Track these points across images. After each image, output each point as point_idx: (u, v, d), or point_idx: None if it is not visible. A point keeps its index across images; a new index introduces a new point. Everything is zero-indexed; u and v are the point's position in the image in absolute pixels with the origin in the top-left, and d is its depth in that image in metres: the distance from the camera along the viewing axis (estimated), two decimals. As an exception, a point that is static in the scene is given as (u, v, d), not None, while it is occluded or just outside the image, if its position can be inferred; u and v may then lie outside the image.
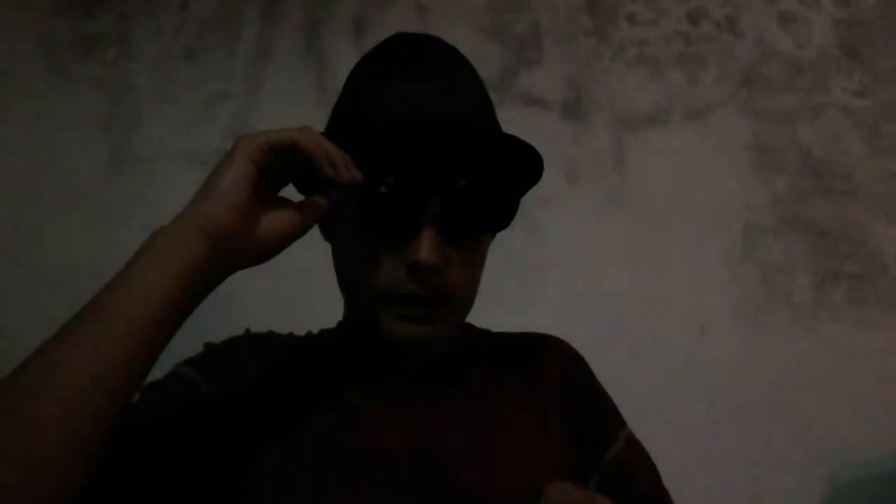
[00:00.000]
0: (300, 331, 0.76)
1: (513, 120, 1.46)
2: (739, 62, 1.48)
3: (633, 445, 0.71)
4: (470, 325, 0.75)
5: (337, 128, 0.65)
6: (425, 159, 0.58)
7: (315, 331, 0.75)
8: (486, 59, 1.45)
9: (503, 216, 0.63)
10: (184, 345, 0.59)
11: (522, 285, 1.34)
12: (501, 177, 0.61)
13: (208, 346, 0.68)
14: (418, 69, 0.63)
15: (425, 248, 0.57)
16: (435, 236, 0.57)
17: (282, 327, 0.76)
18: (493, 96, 0.70)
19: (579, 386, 0.71)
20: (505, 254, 1.29)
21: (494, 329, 0.79)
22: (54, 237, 1.38)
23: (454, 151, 0.58)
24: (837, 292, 1.35)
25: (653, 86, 1.47)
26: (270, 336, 0.72)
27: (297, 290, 1.28)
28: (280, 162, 0.53)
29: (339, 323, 0.73)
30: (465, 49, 0.69)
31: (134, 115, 1.46)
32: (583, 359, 0.75)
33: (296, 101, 1.46)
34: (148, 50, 1.50)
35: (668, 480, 0.73)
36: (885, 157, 1.42)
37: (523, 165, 0.63)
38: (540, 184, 0.66)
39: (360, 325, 0.67)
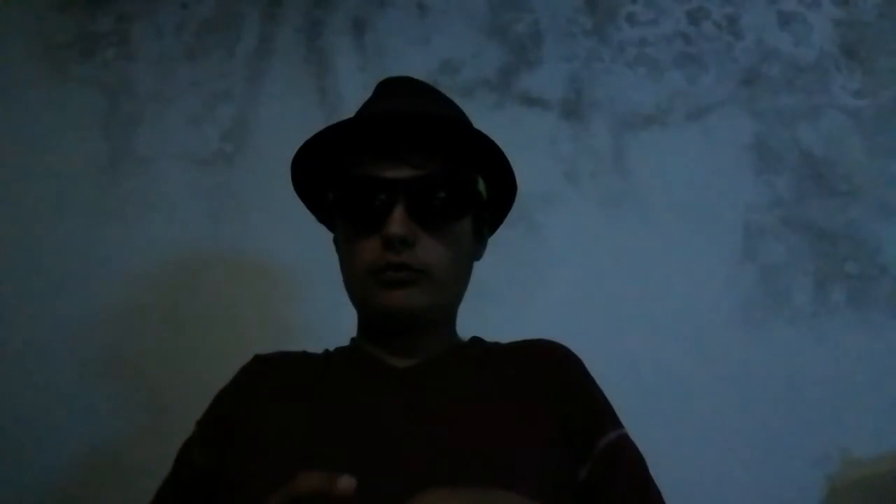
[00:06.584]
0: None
1: (513, 120, 1.48)
2: (739, 62, 1.48)
3: (627, 444, 0.72)
4: (470, 338, 0.81)
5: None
6: (391, 147, 0.68)
7: (331, 349, 0.81)
8: (486, 59, 1.44)
9: (462, 204, 0.72)
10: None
11: (522, 285, 1.34)
12: (461, 166, 0.72)
13: (218, 396, 0.77)
14: (395, 93, 0.77)
15: (392, 222, 0.67)
16: (402, 214, 0.67)
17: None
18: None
19: (573, 383, 0.74)
20: (505, 253, 1.29)
21: (493, 327, 0.83)
22: (54, 237, 1.38)
23: (419, 140, 0.69)
24: (837, 292, 1.35)
25: (653, 86, 1.47)
26: (280, 354, 0.79)
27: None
28: None
29: (353, 339, 0.80)
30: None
31: (134, 115, 1.46)
32: (580, 361, 0.77)
33: (296, 101, 1.46)
34: (148, 50, 1.50)
35: (668, 480, 0.73)
36: (885, 157, 1.42)
37: (483, 155, 0.72)
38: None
39: (359, 310, 0.77)
